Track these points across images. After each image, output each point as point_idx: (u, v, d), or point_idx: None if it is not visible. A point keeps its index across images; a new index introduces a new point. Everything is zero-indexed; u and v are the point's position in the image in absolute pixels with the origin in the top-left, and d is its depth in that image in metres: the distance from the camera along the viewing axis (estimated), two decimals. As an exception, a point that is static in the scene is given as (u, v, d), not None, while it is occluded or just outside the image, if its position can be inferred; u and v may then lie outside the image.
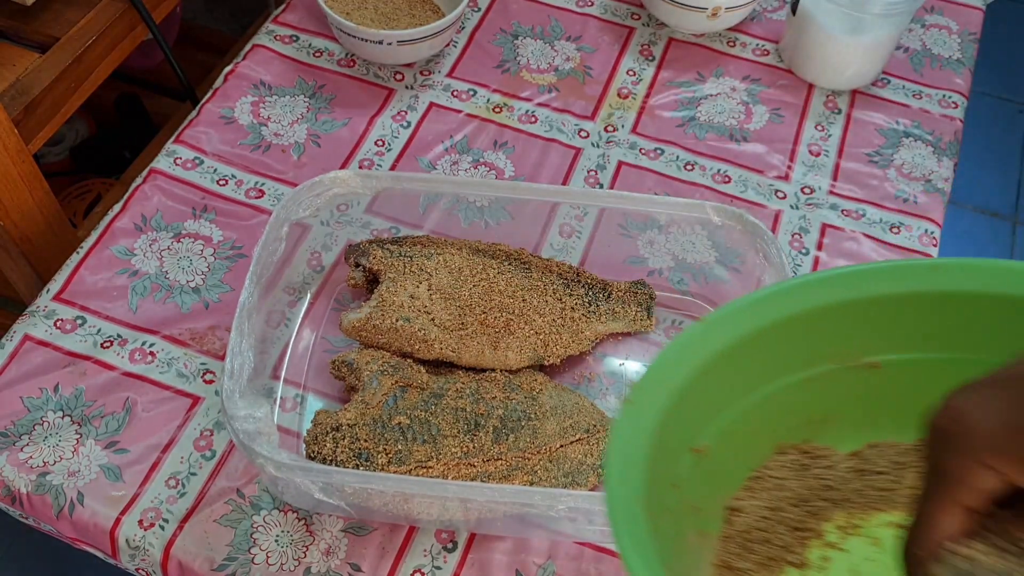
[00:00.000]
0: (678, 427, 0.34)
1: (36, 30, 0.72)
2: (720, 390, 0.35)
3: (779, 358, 0.36)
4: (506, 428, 0.53)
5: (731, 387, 0.36)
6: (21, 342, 0.60)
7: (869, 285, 0.35)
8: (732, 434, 0.36)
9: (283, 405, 0.58)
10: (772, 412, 0.37)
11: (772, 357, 0.36)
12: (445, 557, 0.53)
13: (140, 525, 0.53)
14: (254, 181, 0.69)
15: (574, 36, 0.81)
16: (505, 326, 0.57)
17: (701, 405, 0.35)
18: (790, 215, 0.70)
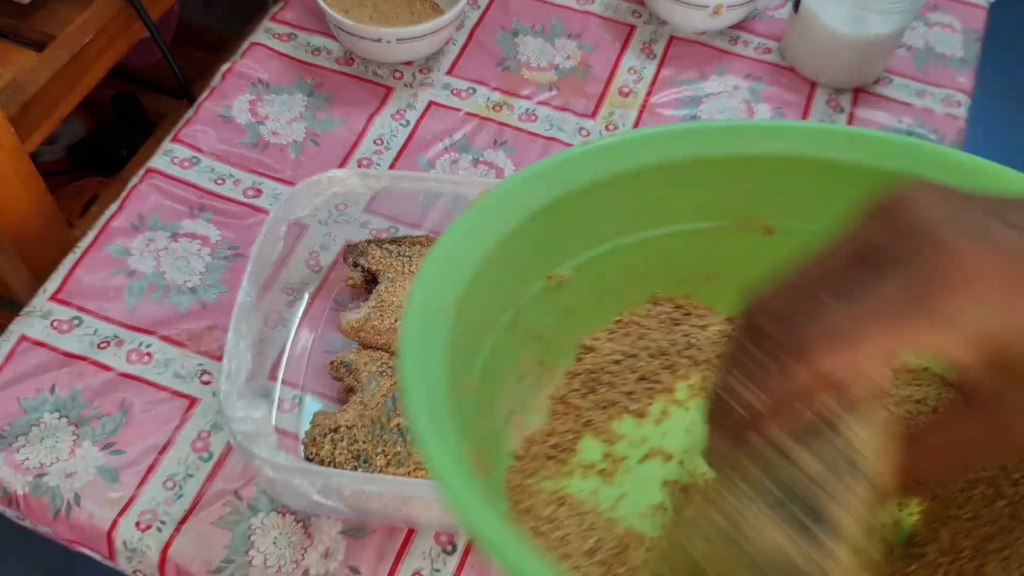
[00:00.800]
0: (531, 250, 0.33)
1: (33, 28, 0.72)
2: (587, 224, 0.35)
3: (663, 203, 0.35)
4: (506, 430, 0.53)
5: (601, 224, 0.35)
6: (17, 342, 0.59)
7: (769, 142, 0.34)
8: (599, 272, 0.36)
9: (281, 406, 0.58)
10: (651, 258, 0.36)
11: (654, 200, 0.35)
12: (444, 560, 0.53)
13: (137, 527, 0.53)
14: (252, 180, 0.69)
15: (575, 34, 0.81)
16: (505, 327, 0.57)
17: (561, 234, 0.34)
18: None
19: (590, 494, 0.34)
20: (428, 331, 0.28)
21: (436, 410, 0.26)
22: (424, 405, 0.26)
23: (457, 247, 0.31)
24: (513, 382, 0.35)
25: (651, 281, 0.38)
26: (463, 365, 0.30)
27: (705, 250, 0.36)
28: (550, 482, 0.34)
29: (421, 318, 0.28)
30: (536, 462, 0.35)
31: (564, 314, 0.36)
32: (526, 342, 0.35)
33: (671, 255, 0.37)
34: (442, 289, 0.30)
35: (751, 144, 0.35)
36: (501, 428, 0.35)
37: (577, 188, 0.34)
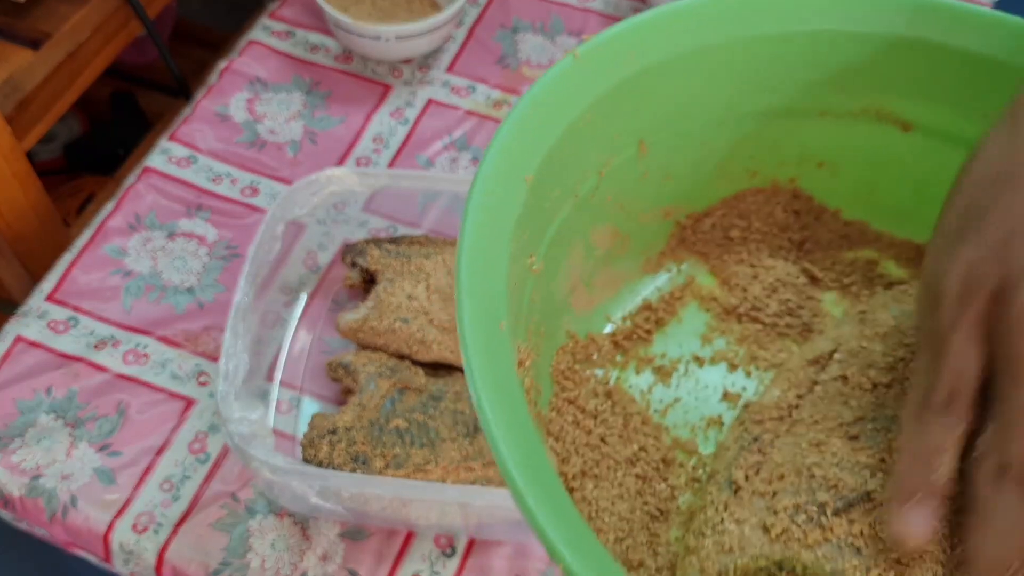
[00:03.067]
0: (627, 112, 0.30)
1: (29, 26, 0.71)
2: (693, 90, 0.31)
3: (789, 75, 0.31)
4: (506, 431, 0.52)
5: (710, 91, 0.31)
6: (13, 343, 0.59)
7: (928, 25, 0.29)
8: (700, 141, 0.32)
9: (279, 407, 0.57)
10: (763, 134, 0.33)
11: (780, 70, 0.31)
12: (444, 562, 0.53)
13: (134, 529, 0.53)
14: (249, 179, 0.68)
15: (575, 31, 0.80)
16: (505, 327, 0.57)
17: (663, 99, 0.30)
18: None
19: (642, 393, 0.31)
20: (496, 209, 0.25)
21: (490, 318, 0.24)
22: (478, 313, 0.24)
23: (540, 111, 0.27)
24: (581, 255, 0.31)
25: (756, 160, 0.34)
26: (530, 242, 0.27)
27: (826, 135, 0.33)
28: (601, 370, 0.32)
29: (490, 193, 0.25)
30: (593, 345, 0.32)
31: (654, 182, 0.32)
32: (604, 211, 0.31)
33: (785, 135, 0.33)
34: (520, 158, 0.26)
35: (912, 25, 0.30)
36: (561, 304, 0.31)
37: (697, 46, 0.30)
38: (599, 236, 0.32)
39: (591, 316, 0.32)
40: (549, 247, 0.29)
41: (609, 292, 0.33)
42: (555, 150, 0.27)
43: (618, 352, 0.32)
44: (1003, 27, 0.30)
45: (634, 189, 0.32)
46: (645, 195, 0.33)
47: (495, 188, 0.26)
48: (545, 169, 0.27)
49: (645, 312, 0.33)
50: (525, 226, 0.26)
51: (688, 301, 0.34)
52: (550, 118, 0.27)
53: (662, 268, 0.34)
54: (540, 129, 0.27)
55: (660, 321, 0.33)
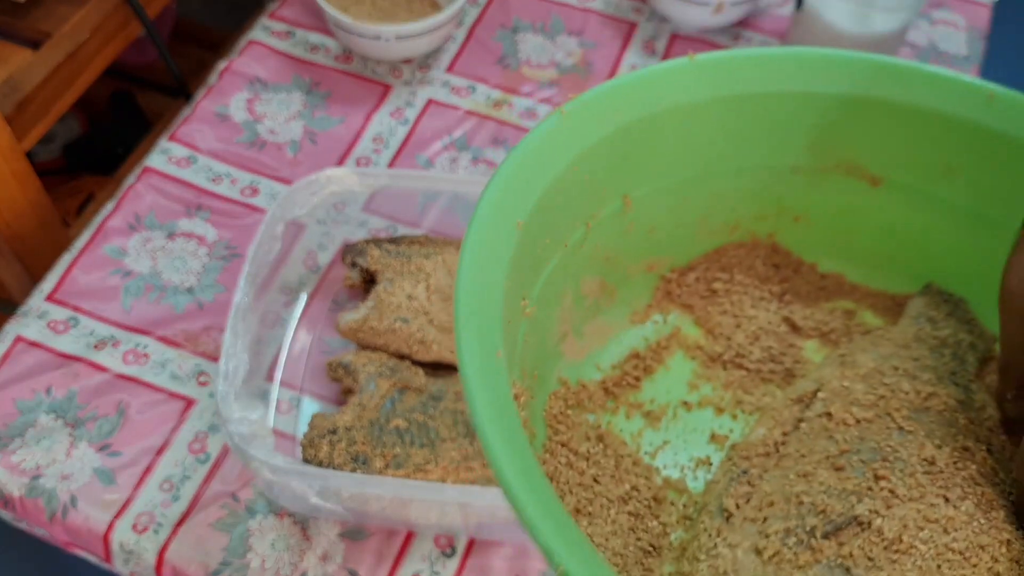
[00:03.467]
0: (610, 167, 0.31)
1: (29, 26, 0.71)
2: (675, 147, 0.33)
3: (764, 134, 0.33)
4: (506, 431, 0.52)
5: (691, 148, 0.33)
6: (13, 343, 0.59)
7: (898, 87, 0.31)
8: (682, 195, 0.34)
9: (279, 408, 0.57)
10: (741, 190, 0.35)
11: (754, 129, 0.33)
12: (444, 563, 0.53)
13: (134, 529, 0.53)
14: (249, 179, 0.68)
15: (575, 31, 0.80)
16: (505, 327, 0.56)
17: (645, 154, 0.32)
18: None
19: (632, 436, 0.33)
20: (491, 250, 0.27)
21: (487, 345, 0.25)
22: (475, 341, 0.24)
23: (530, 161, 0.29)
24: (571, 304, 0.33)
25: (735, 214, 0.36)
26: (523, 285, 0.29)
27: (800, 190, 0.34)
28: (592, 416, 0.33)
29: (486, 235, 0.27)
30: (583, 391, 0.33)
31: (638, 236, 0.34)
32: (592, 262, 0.33)
33: (762, 190, 0.35)
34: (512, 204, 0.28)
35: (876, 86, 0.32)
36: (553, 350, 0.33)
37: (675, 105, 0.31)
38: (588, 287, 0.34)
39: (582, 364, 0.34)
40: (541, 292, 0.30)
41: (599, 342, 0.34)
42: (545, 199, 0.29)
43: (608, 398, 0.34)
44: (958, 86, 0.32)
45: (620, 242, 0.34)
46: (630, 248, 0.35)
47: (490, 229, 0.27)
48: (536, 216, 0.28)
49: (633, 360, 0.35)
50: (518, 268, 0.28)
51: (675, 350, 0.35)
52: (540, 168, 0.29)
53: (649, 319, 0.36)
54: (531, 178, 0.28)
55: (648, 369, 0.35)
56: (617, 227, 0.33)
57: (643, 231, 0.34)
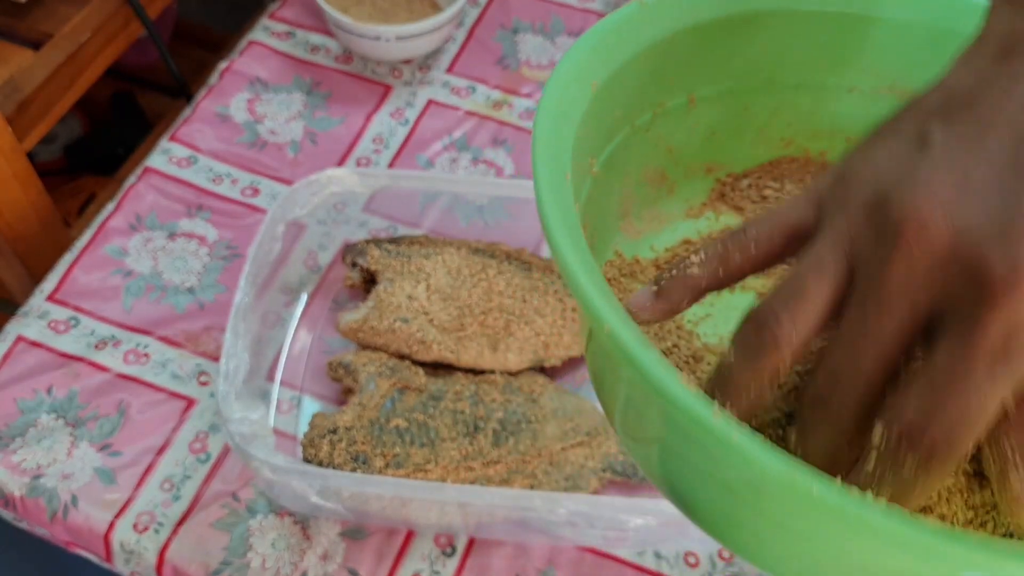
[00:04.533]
0: (683, 62, 0.33)
1: (30, 27, 0.71)
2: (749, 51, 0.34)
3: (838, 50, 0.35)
4: (506, 431, 0.52)
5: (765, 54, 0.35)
6: (14, 343, 0.59)
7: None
8: (744, 103, 0.36)
9: (279, 407, 0.57)
10: (801, 104, 0.36)
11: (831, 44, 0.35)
12: (444, 562, 0.53)
13: (135, 529, 0.53)
14: (249, 179, 0.68)
15: (575, 32, 0.80)
16: (505, 327, 0.57)
17: (718, 55, 0.34)
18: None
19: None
20: (567, 100, 0.29)
21: (557, 167, 0.27)
22: (548, 159, 0.26)
23: (615, 32, 0.31)
24: (634, 183, 0.35)
25: (792, 129, 0.37)
26: (592, 145, 0.31)
27: (854, 111, 0.36)
28: (642, 286, 0.34)
29: (564, 87, 0.29)
30: (637, 265, 0.35)
31: (699, 136, 0.36)
32: (655, 150, 0.35)
33: (818, 108, 0.36)
34: (589, 68, 0.30)
35: (934, 14, 0.34)
36: (612, 223, 0.35)
37: (748, 12, 0.33)
38: (649, 174, 0.36)
39: (638, 243, 0.36)
40: (607, 160, 0.33)
41: (654, 227, 0.37)
42: (619, 74, 0.31)
43: (659, 273, 0.35)
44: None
45: (682, 137, 0.36)
46: (691, 146, 0.36)
47: (567, 82, 0.29)
48: (610, 85, 0.31)
49: (685, 245, 0.37)
50: (589, 126, 0.30)
51: None
52: (615, 46, 0.31)
53: (703, 216, 0.38)
54: (606, 53, 0.31)
55: (697, 253, 0.36)
56: (681, 122, 0.35)
57: (704, 132, 0.36)
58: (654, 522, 0.47)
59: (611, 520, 0.48)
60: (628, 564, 0.53)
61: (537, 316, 0.57)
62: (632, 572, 0.53)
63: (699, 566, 0.53)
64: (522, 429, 0.53)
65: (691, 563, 0.53)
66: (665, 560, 0.53)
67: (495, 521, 0.51)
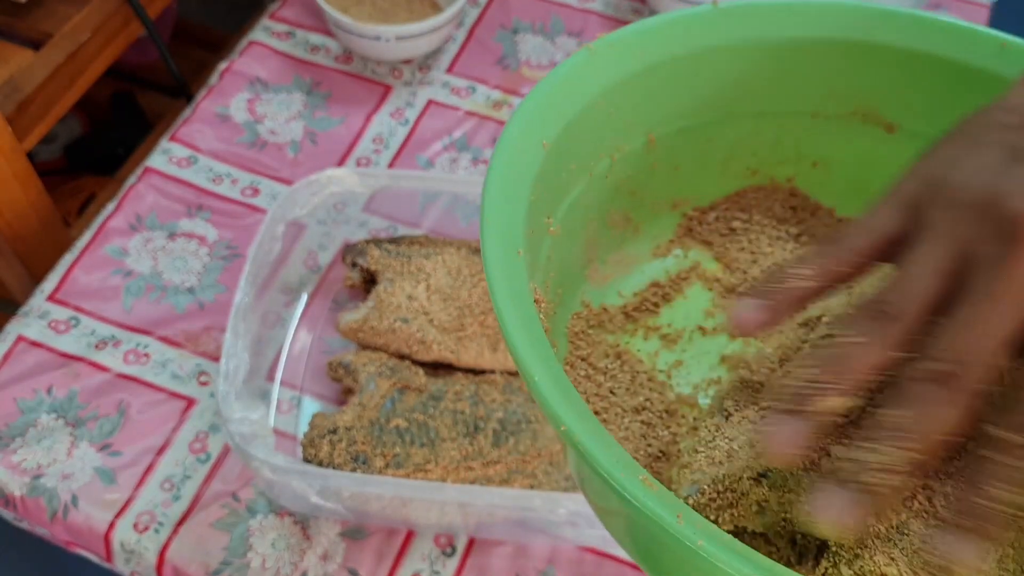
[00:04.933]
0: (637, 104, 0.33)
1: (30, 26, 0.71)
2: (700, 88, 0.34)
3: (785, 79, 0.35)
4: (506, 431, 0.52)
5: (716, 90, 0.35)
6: (14, 343, 0.59)
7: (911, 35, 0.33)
8: (706, 137, 0.36)
9: (279, 407, 0.57)
10: (762, 134, 0.36)
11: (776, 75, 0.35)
12: (444, 562, 0.53)
13: (135, 529, 0.53)
14: (249, 179, 0.68)
15: (575, 32, 0.80)
16: (504, 327, 0.57)
17: (672, 94, 0.34)
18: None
19: (649, 356, 0.34)
20: (517, 164, 0.28)
21: (509, 243, 0.26)
22: (497, 236, 0.26)
23: (562, 87, 0.31)
24: (597, 230, 0.35)
25: (756, 158, 0.37)
26: (548, 203, 0.30)
27: (818, 136, 0.36)
28: (612, 336, 0.34)
29: (512, 151, 0.29)
30: (605, 314, 0.35)
31: (663, 174, 0.36)
32: (617, 194, 0.35)
33: (782, 135, 0.36)
34: (539, 126, 0.30)
35: (891, 33, 0.34)
36: (577, 274, 0.35)
37: (698, 49, 0.33)
38: (613, 219, 0.36)
39: (605, 290, 0.36)
40: (566, 215, 0.32)
41: (621, 271, 0.37)
42: (571, 127, 0.31)
43: (628, 321, 0.36)
44: (971, 35, 0.34)
45: (645, 178, 0.36)
46: (655, 185, 0.36)
47: (518, 144, 0.29)
48: (562, 141, 0.30)
49: (654, 288, 0.37)
50: (543, 186, 0.29)
51: (693, 281, 0.37)
52: (567, 97, 0.31)
53: (670, 253, 0.38)
54: (558, 105, 0.31)
55: (667, 297, 0.37)
56: (642, 163, 0.35)
57: (667, 169, 0.36)
58: (654, 522, 0.48)
59: (611, 520, 0.48)
60: (628, 564, 0.53)
61: (537, 316, 0.57)
62: (632, 572, 0.53)
63: (699, 566, 0.53)
64: (522, 429, 0.53)
65: (691, 563, 0.53)
66: (665, 560, 0.53)
67: (495, 521, 0.51)
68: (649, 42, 0.32)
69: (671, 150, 0.35)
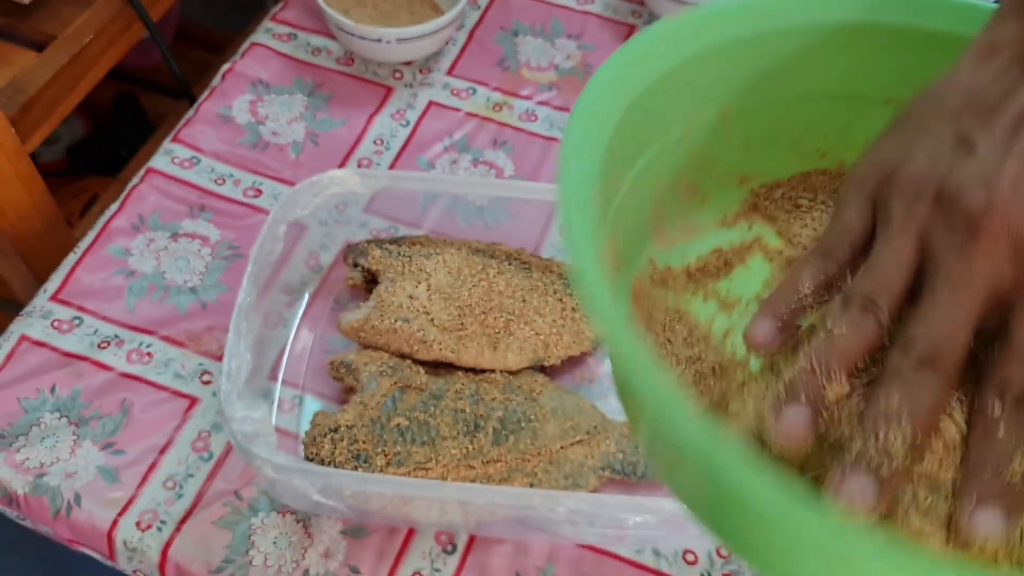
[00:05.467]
0: (715, 76, 0.34)
1: (33, 28, 0.72)
2: (779, 66, 0.35)
3: (869, 63, 0.36)
4: (506, 430, 0.53)
5: (796, 69, 0.35)
6: (18, 342, 0.59)
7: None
8: (778, 115, 0.36)
9: (281, 406, 0.58)
10: (837, 117, 0.37)
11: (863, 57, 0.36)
12: (444, 560, 0.53)
13: (138, 527, 0.53)
14: (252, 180, 0.69)
15: (574, 34, 0.81)
16: (505, 327, 0.57)
17: (749, 70, 0.35)
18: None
19: (707, 318, 0.35)
20: (596, 119, 0.29)
21: (583, 191, 0.27)
22: (574, 183, 0.27)
23: (647, 48, 0.32)
24: (666, 195, 0.35)
25: (827, 141, 0.38)
26: (624, 159, 0.31)
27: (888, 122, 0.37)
28: (673, 295, 0.35)
29: (593, 106, 0.29)
30: (668, 273, 0.35)
31: (733, 148, 0.36)
32: (688, 162, 0.36)
33: (855, 120, 0.37)
34: (621, 86, 0.31)
35: (968, 24, 0.34)
36: (645, 232, 0.35)
37: (777, 29, 0.34)
38: (681, 186, 0.36)
39: (669, 252, 0.37)
40: (639, 174, 0.33)
41: (686, 237, 0.37)
42: (652, 87, 0.32)
43: (690, 282, 0.37)
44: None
45: (715, 150, 0.36)
46: (724, 158, 0.37)
47: (603, 94, 0.30)
48: (643, 99, 0.31)
49: (716, 254, 0.38)
50: (620, 139, 0.30)
51: (756, 253, 0.38)
52: (650, 60, 0.32)
53: (735, 226, 0.39)
54: (641, 67, 0.32)
55: (729, 264, 0.37)
56: (714, 135, 0.36)
57: (738, 144, 0.37)
58: (653, 520, 0.48)
59: (610, 518, 0.49)
60: (627, 562, 0.53)
61: (537, 316, 0.58)
62: (631, 570, 0.53)
63: (697, 563, 0.53)
64: (522, 428, 0.53)
65: (689, 560, 0.54)
66: (664, 558, 0.54)
67: (495, 519, 0.51)
68: (728, 19, 0.34)
69: (744, 125, 0.36)
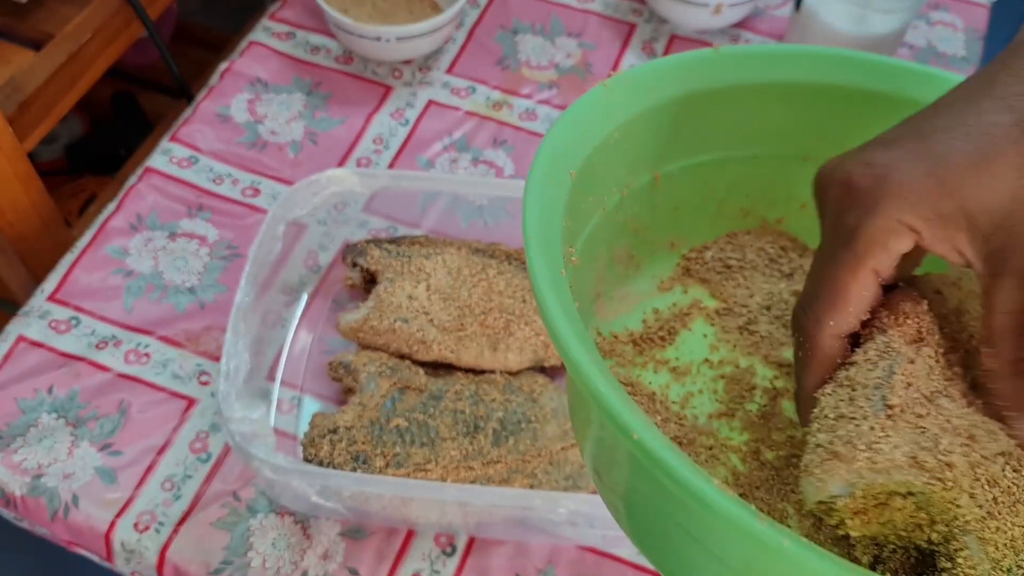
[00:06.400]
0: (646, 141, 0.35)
1: (31, 27, 0.71)
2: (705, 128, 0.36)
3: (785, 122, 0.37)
4: (506, 431, 0.53)
5: (719, 131, 0.36)
6: (15, 343, 0.59)
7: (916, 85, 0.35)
8: (703, 178, 0.37)
9: (280, 407, 0.58)
10: (758, 177, 0.38)
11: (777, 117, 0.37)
12: (444, 561, 0.53)
13: (135, 528, 0.53)
14: (250, 180, 0.68)
15: (575, 32, 0.80)
16: (505, 327, 0.57)
17: (678, 132, 0.35)
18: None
19: (660, 388, 0.35)
20: (550, 191, 0.29)
21: (553, 265, 0.27)
22: (544, 259, 0.27)
23: (585, 119, 0.32)
24: (605, 266, 0.36)
25: (749, 200, 0.39)
26: (572, 233, 0.32)
27: (808, 179, 0.38)
28: (623, 369, 0.35)
29: (545, 177, 0.29)
30: (615, 342, 0.36)
31: (664, 213, 0.37)
32: (623, 231, 0.36)
33: (775, 178, 0.38)
34: (565, 156, 0.31)
35: (880, 81, 0.35)
36: (587, 307, 0.36)
37: (698, 90, 0.35)
38: (618, 255, 0.37)
39: (611, 323, 0.37)
40: (584, 246, 0.34)
41: (625, 307, 0.38)
42: (591, 159, 0.32)
43: (637, 354, 0.37)
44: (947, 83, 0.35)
45: (648, 216, 0.37)
46: (656, 224, 0.38)
47: (550, 171, 0.30)
48: (583, 172, 0.31)
49: (658, 322, 0.38)
50: (569, 214, 0.31)
51: (695, 316, 0.38)
52: (587, 129, 0.32)
53: (671, 291, 0.39)
54: (580, 137, 0.32)
55: (672, 330, 0.38)
56: (646, 201, 0.37)
57: (667, 209, 0.38)
58: (654, 521, 0.48)
59: (610, 519, 0.48)
60: (627, 563, 0.53)
61: (537, 316, 0.58)
62: (631, 571, 0.53)
63: (699, 566, 0.53)
64: (522, 429, 0.53)
65: (691, 563, 0.53)
66: (665, 560, 0.53)
67: (495, 520, 0.51)
68: (657, 81, 0.34)
69: (672, 189, 0.37)
